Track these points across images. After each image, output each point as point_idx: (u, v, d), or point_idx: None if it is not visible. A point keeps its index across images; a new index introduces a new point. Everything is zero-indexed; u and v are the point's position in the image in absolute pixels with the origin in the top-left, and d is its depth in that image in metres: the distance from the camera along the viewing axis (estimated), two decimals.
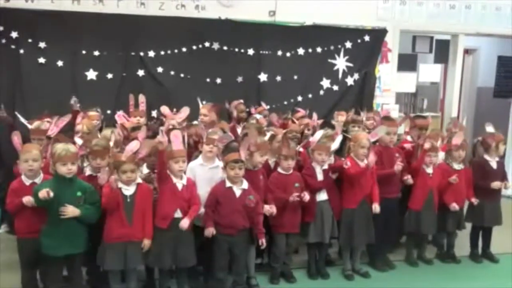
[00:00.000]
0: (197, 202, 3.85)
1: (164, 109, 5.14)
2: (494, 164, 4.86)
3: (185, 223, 3.72)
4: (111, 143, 3.97)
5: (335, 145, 4.41)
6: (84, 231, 3.62)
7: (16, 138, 3.74)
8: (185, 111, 4.91)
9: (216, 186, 3.94)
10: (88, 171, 3.90)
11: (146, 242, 3.68)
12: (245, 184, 3.94)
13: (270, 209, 4.06)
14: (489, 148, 4.85)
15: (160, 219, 3.74)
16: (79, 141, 4.06)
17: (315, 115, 5.42)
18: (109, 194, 3.57)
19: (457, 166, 4.77)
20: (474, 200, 4.79)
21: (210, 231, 3.83)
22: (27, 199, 3.51)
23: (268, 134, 4.54)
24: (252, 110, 5.74)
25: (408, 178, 4.64)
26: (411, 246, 4.91)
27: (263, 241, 4.00)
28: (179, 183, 3.78)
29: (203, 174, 4.04)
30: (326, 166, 4.36)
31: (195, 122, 4.90)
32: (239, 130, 5.03)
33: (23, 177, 3.65)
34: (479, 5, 6.90)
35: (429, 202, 4.66)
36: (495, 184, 4.76)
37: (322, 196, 4.38)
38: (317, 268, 4.52)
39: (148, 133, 4.38)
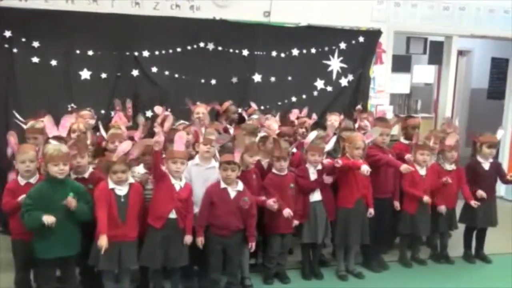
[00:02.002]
0: (191, 210, 3.85)
1: (158, 109, 5.14)
2: (486, 166, 4.87)
3: (188, 239, 3.80)
4: (88, 141, 3.98)
5: (329, 146, 4.41)
6: (78, 232, 3.61)
7: (12, 138, 3.72)
8: (170, 119, 4.68)
9: (211, 186, 3.94)
10: (72, 175, 3.81)
11: None
12: (240, 186, 3.94)
13: (273, 203, 4.06)
14: (474, 146, 4.87)
15: (154, 218, 3.74)
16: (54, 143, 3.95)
17: (314, 115, 5.42)
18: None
19: (449, 167, 4.79)
20: (473, 203, 4.73)
21: (199, 240, 3.84)
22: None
23: (259, 135, 4.54)
24: (242, 112, 5.73)
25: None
26: (405, 247, 4.92)
27: (252, 245, 4.01)
28: (177, 184, 3.77)
29: (199, 174, 4.04)
30: (320, 167, 4.37)
31: (181, 122, 4.89)
32: (231, 131, 5.03)
33: (18, 178, 3.65)
34: (473, 7, 6.92)
35: (423, 204, 4.66)
36: (479, 193, 4.73)
37: (316, 196, 4.38)
38: (311, 268, 4.53)
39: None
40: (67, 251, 3.57)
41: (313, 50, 6.30)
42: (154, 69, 5.78)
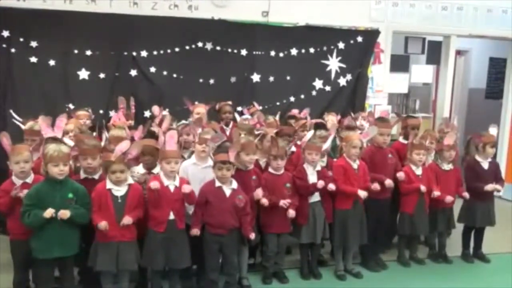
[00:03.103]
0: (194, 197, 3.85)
1: (155, 109, 5.14)
2: (485, 165, 4.88)
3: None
4: (102, 143, 3.97)
5: (326, 145, 4.41)
6: (76, 233, 3.60)
7: (5, 139, 3.70)
8: (167, 119, 4.70)
9: (206, 185, 3.93)
10: (82, 174, 3.84)
11: (127, 218, 3.58)
12: (235, 184, 3.94)
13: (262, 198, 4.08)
14: (477, 148, 4.87)
15: (155, 224, 3.73)
16: (69, 142, 4.00)
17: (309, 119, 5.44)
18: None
19: (446, 167, 4.79)
20: (465, 195, 4.79)
21: (194, 231, 3.84)
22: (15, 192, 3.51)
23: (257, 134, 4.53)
24: (244, 110, 5.74)
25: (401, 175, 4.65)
26: (403, 246, 4.93)
27: (252, 235, 3.95)
28: (172, 185, 3.76)
29: (195, 173, 4.04)
30: (319, 167, 4.36)
31: (182, 122, 4.89)
32: (227, 131, 5.02)
33: (13, 178, 3.63)
34: (471, 7, 6.94)
35: (421, 203, 4.67)
36: (489, 187, 4.75)
37: (315, 197, 4.37)
38: (310, 268, 4.53)
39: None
40: (65, 252, 3.56)
41: (311, 50, 6.31)
42: (153, 69, 5.78)
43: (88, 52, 5.58)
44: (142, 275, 4.03)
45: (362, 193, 4.27)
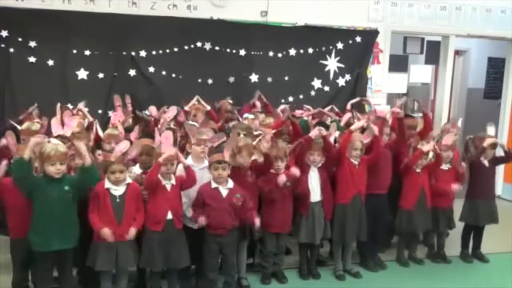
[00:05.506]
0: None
1: (152, 109, 5.13)
2: (486, 163, 4.90)
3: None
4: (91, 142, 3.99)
5: None
6: (75, 225, 3.58)
7: (11, 138, 3.70)
8: (173, 110, 4.84)
9: (202, 187, 3.92)
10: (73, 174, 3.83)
11: (132, 230, 3.61)
12: (231, 183, 3.94)
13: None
14: (478, 149, 4.88)
15: (153, 223, 3.72)
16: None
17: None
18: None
19: (444, 166, 4.79)
20: (458, 187, 4.74)
21: (201, 220, 3.80)
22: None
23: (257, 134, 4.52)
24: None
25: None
26: (402, 246, 4.93)
27: (257, 221, 3.94)
28: (168, 184, 3.76)
29: None
30: (320, 164, 4.34)
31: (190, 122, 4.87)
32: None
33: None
34: (470, 7, 6.95)
35: (421, 200, 4.67)
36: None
37: (315, 197, 4.35)
38: (309, 268, 4.52)
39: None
40: (64, 244, 3.52)
41: (310, 50, 6.31)
42: (151, 69, 5.78)
43: (87, 52, 5.58)
44: (140, 275, 4.03)
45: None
